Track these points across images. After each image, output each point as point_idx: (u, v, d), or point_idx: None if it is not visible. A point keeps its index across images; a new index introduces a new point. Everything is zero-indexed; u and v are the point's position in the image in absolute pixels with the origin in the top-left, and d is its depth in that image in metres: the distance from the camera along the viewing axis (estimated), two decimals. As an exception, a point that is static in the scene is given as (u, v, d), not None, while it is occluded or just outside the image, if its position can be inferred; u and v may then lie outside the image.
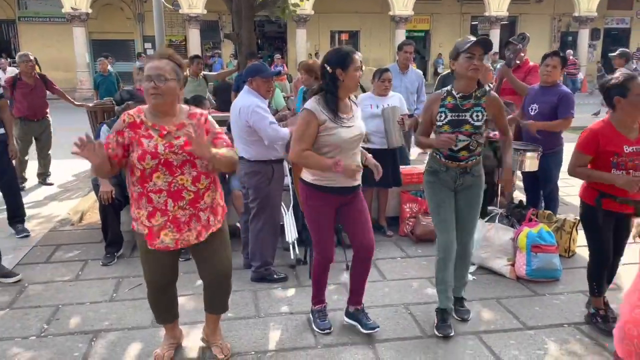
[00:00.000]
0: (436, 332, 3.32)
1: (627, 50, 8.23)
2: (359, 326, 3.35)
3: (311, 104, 2.99)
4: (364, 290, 3.41)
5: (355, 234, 3.24)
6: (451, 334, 3.28)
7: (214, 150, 2.53)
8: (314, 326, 3.37)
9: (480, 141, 3.22)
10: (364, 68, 3.05)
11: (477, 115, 3.17)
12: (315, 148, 3.00)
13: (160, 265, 2.83)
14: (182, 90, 2.72)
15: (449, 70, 7.37)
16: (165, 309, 3.03)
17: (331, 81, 2.95)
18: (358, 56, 3.00)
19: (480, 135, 3.20)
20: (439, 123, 3.23)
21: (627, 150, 3.08)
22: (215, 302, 3.03)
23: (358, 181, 3.18)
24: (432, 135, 3.38)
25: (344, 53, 2.96)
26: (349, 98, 3.14)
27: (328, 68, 2.94)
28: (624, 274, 4.07)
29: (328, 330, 3.31)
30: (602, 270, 3.36)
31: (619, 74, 3.11)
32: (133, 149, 2.59)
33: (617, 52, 7.69)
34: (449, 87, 3.28)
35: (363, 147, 4.75)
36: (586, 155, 3.18)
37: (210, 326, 3.11)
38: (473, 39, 3.13)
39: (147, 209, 2.65)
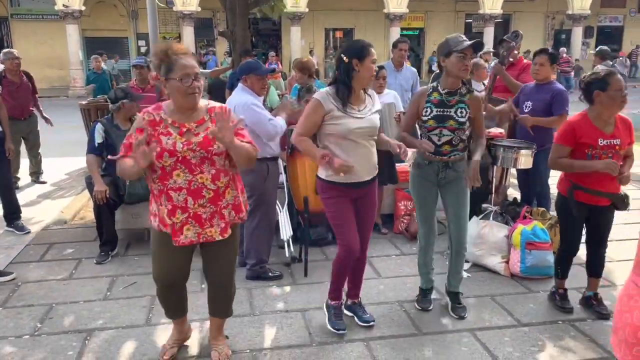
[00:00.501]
0: (416, 305, 3.61)
1: (606, 48, 8.56)
2: (356, 318, 3.39)
3: (321, 93, 3.06)
4: (361, 283, 3.47)
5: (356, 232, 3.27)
6: (429, 308, 3.58)
7: (236, 140, 2.58)
8: (327, 323, 3.31)
9: (462, 137, 3.30)
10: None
11: (461, 112, 3.26)
12: (321, 135, 3.07)
13: (172, 262, 2.80)
14: None
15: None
16: (174, 306, 3.01)
17: (346, 71, 2.99)
18: (374, 50, 3.07)
19: (463, 131, 3.28)
20: (425, 117, 3.33)
21: (601, 143, 3.23)
22: (218, 304, 3.01)
23: (372, 175, 3.19)
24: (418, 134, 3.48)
25: (362, 44, 3.04)
26: (366, 91, 3.16)
27: (345, 58, 2.98)
28: (618, 270, 4.10)
29: (343, 332, 3.26)
30: (568, 258, 3.58)
31: (599, 69, 3.27)
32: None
33: (596, 50, 7.96)
34: (434, 83, 3.38)
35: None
36: (565, 147, 3.33)
37: (213, 329, 3.09)
38: (464, 38, 3.21)
39: (167, 206, 2.64)
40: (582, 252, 3.60)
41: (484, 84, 6.13)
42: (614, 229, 3.58)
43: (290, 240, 4.43)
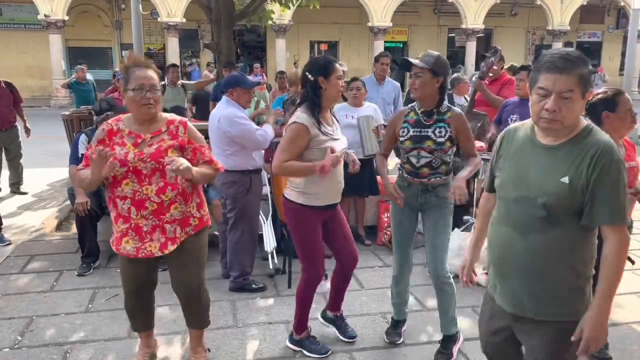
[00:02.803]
0: (385, 338, 3.39)
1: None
2: (338, 333, 3.38)
3: (303, 117, 2.91)
4: (344, 297, 3.45)
5: (342, 247, 3.24)
6: (397, 342, 3.35)
7: (194, 170, 2.58)
8: (310, 354, 3.19)
9: (445, 159, 3.09)
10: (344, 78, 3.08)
11: (440, 132, 3.05)
12: (302, 160, 2.93)
13: (132, 270, 2.84)
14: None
15: None
16: (139, 317, 3.01)
17: (313, 90, 2.93)
18: (339, 65, 3.02)
19: (443, 152, 3.06)
20: (402, 138, 3.15)
21: None
22: (190, 316, 3.01)
23: (340, 197, 3.18)
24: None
25: (326, 61, 2.97)
26: (330, 111, 3.14)
27: (310, 76, 2.92)
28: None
29: (329, 351, 3.23)
30: None
31: (606, 89, 3.05)
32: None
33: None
34: (414, 103, 3.20)
35: None
36: None
37: (191, 341, 3.08)
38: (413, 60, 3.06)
39: (112, 213, 2.72)
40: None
41: (465, 98, 6.23)
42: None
43: (274, 251, 4.45)
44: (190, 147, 2.74)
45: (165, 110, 3.88)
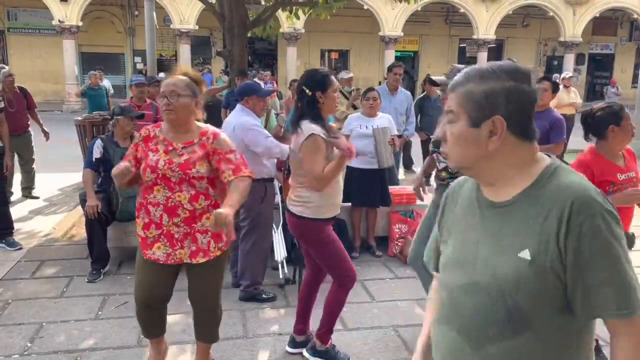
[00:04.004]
0: None
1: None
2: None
3: (317, 128, 2.89)
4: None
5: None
6: None
7: (229, 207, 2.43)
8: None
9: None
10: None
11: None
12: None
13: (151, 279, 2.77)
14: (198, 105, 2.72)
15: (425, 93, 7.47)
16: (152, 326, 2.98)
17: (311, 105, 2.92)
18: (334, 78, 3.01)
19: None
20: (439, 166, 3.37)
21: (620, 178, 3.08)
22: (201, 330, 2.98)
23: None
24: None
25: (322, 74, 2.96)
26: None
27: (307, 91, 2.91)
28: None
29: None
30: None
31: (606, 104, 3.15)
32: (142, 162, 2.68)
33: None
34: None
35: (353, 166, 4.78)
36: None
37: (198, 354, 3.05)
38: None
39: (144, 219, 2.71)
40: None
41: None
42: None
43: (284, 261, 4.42)
44: (215, 157, 2.67)
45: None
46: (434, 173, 3.49)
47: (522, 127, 1.26)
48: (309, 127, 2.90)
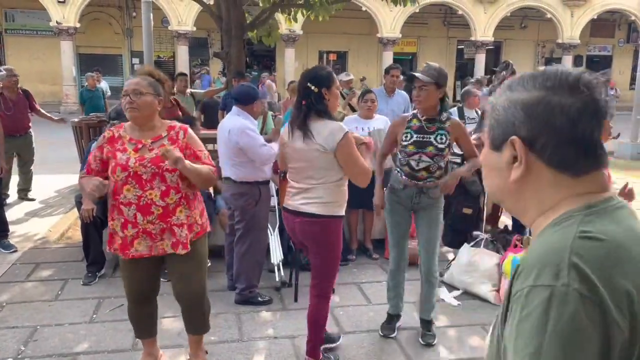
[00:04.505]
0: (379, 332, 3.59)
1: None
2: None
3: (342, 124, 2.90)
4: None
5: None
6: (391, 335, 3.56)
7: (187, 162, 2.60)
8: None
9: (441, 164, 3.33)
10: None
11: (441, 138, 3.30)
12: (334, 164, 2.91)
13: (137, 275, 2.84)
14: (161, 104, 2.77)
15: None
16: (144, 323, 3.01)
17: (318, 101, 2.89)
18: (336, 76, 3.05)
19: (442, 157, 3.32)
20: (404, 143, 3.37)
21: None
22: (192, 322, 3.01)
23: None
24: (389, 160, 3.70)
25: (327, 72, 2.97)
26: None
27: (314, 88, 2.89)
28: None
29: None
30: None
31: None
32: (110, 163, 2.70)
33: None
34: (415, 111, 3.44)
35: None
36: None
37: (192, 348, 3.07)
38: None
39: (120, 220, 2.73)
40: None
41: (476, 111, 6.19)
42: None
43: (281, 264, 4.40)
44: (188, 152, 2.75)
45: (178, 119, 3.89)
46: (397, 174, 3.50)
47: (556, 153, 0.90)
48: (334, 126, 2.85)
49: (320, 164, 2.86)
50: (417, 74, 3.25)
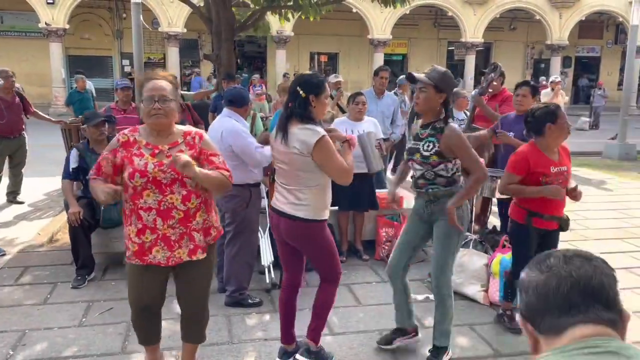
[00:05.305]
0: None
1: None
2: None
3: (320, 129, 2.89)
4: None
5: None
6: (383, 346, 3.42)
7: (197, 169, 2.55)
8: None
9: (438, 173, 3.13)
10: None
11: (428, 146, 3.12)
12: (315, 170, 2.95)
13: (145, 286, 2.77)
14: (179, 109, 2.76)
15: None
16: (148, 331, 2.96)
17: (303, 106, 2.90)
18: (332, 78, 3.06)
19: (431, 166, 3.12)
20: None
21: (553, 170, 3.43)
22: (191, 330, 2.97)
23: None
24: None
25: (318, 80, 2.97)
26: None
27: (302, 92, 2.91)
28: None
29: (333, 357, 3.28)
30: None
31: (545, 104, 3.53)
32: (125, 168, 2.64)
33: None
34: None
35: None
36: (517, 176, 3.48)
37: (184, 356, 3.04)
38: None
39: (137, 225, 2.65)
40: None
41: (465, 113, 6.23)
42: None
43: (271, 266, 4.41)
44: (202, 157, 2.73)
45: None
46: (411, 180, 3.44)
47: (544, 321, 1.09)
48: (309, 131, 2.85)
49: (299, 166, 2.89)
50: (415, 74, 3.17)
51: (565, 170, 3.49)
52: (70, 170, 4.53)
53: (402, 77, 8.29)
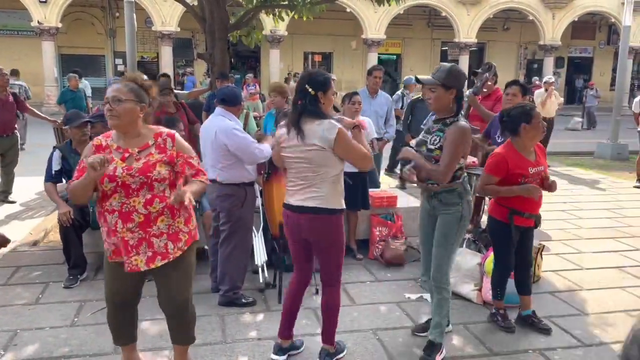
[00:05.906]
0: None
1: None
2: None
3: (332, 122, 2.95)
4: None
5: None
6: (419, 334, 3.58)
7: (189, 193, 2.56)
8: None
9: None
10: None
11: (434, 140, 3.21)
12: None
13: (119, 280, 2.79)
14: (144, 110, 2.69)
15: (419, 95, 7.55)
16: (122, 329, 2.95)
17: (313, 103, 2.96)
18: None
19: (433, 159, 3.19)
20: None
21: (531, 171, 3.49)
22: (177, 333, 2.95)
23: None
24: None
25: (325, 77, 3.04)
26: None
27: (311, 90, 2.96)
28: (591, 299, 4.16)
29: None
30: (506, 278, 3.76)
31: (522, 105, 3.60)
32: None
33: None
34: None
35: None
36: (495, 177, 3.53)
37: (176, 357, 3.02)
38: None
39: (104, 228, 2.70)
40: (550, 277, 3.65)
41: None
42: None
43: (265, 265, 4.40)
44: (179, 160, 2.72)
45: (158, 122, 3.87)
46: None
47: None
48: (326, 126, 2.92)
49: (319, 161, 2.95)
50: (421, 77, 3.31)
51: (542, 170, 3.57)
52: (53, 172, 4.51)
53: (408, 77, 8.66)
